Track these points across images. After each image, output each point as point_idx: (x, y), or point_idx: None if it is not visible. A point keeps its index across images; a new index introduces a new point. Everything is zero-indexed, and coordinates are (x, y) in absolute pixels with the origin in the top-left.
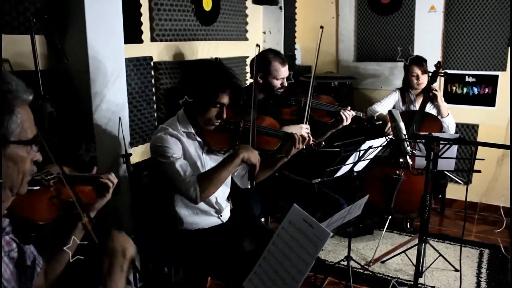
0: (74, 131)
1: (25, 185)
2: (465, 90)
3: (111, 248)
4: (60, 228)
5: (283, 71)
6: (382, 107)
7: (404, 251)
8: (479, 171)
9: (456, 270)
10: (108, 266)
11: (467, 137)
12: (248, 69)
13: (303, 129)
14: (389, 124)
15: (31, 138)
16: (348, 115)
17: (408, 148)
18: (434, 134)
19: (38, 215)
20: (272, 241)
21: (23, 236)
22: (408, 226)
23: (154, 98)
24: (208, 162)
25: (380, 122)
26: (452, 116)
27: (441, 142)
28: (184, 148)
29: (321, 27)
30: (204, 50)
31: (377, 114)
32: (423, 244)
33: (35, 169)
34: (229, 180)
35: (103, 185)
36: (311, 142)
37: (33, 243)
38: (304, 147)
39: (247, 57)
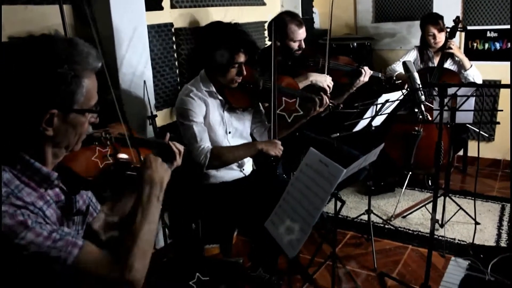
0: (102, 95)
1: (80, 143)
2: (486, 46)
3: (149, 176)
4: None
5: (300, 33)
6: (401, 66)
7: (424, 205)
8: (498, 123)
9: (477, 223)
10: (148, 194)
11: (489, 93)
12: (266, 33)
13: (328, 79)
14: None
15: (94, 107)
16: (366, 70)
17: (422, 97)
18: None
19: (88, 170)
20: (291, 183)
21: (72, 187)
22: (430, 184)
23: (176, 63)
24: (229, 119)
25: (400, 81)
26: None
27: (453, 87)
28: (208, 108)
29: None
30: (224, 15)
31: (396, 73)
32: (440, 194)
33: (90, 130)
34: (248, 134)
35: (169, 152)
36: (329, 104)
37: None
38: (322, 110)
39: (265, 22)
